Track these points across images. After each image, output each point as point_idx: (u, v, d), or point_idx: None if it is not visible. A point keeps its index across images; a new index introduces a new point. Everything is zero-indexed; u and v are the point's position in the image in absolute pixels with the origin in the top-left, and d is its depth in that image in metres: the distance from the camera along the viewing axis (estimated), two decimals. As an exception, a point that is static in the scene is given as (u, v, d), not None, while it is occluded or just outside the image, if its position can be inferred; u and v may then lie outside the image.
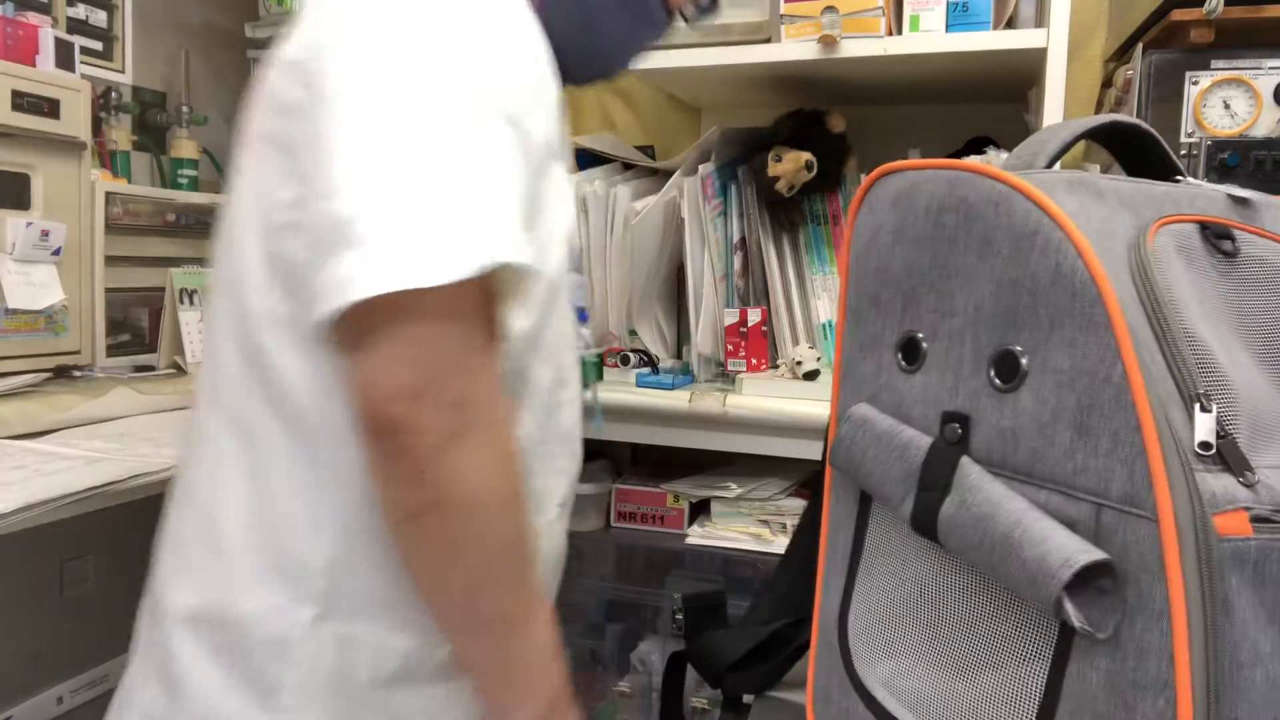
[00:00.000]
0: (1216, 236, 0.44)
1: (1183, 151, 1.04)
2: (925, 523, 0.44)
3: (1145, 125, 0.52)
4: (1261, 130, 1.02)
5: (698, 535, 1.35)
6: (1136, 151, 0.53)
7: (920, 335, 0.47)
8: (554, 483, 0.77)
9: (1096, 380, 0.38)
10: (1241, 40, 1.01)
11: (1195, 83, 1.03)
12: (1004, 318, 0.42)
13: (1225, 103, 1.03)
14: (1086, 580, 0.38)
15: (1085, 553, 0.37)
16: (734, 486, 1.35)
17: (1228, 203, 0.47)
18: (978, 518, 0.41)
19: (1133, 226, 0.43)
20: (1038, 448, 0.41)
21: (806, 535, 0.68)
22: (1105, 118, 0.52)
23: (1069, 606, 0.37)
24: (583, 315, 0.76)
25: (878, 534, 0.51)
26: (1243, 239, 0.45)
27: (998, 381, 0.42)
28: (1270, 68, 1.01)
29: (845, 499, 0.53)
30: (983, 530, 0.41)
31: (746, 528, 1.33)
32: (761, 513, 1.33)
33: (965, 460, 0.43)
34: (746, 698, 0.69)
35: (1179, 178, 0.51)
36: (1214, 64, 1.02)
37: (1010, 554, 0.39)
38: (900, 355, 0.48)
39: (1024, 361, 0.41)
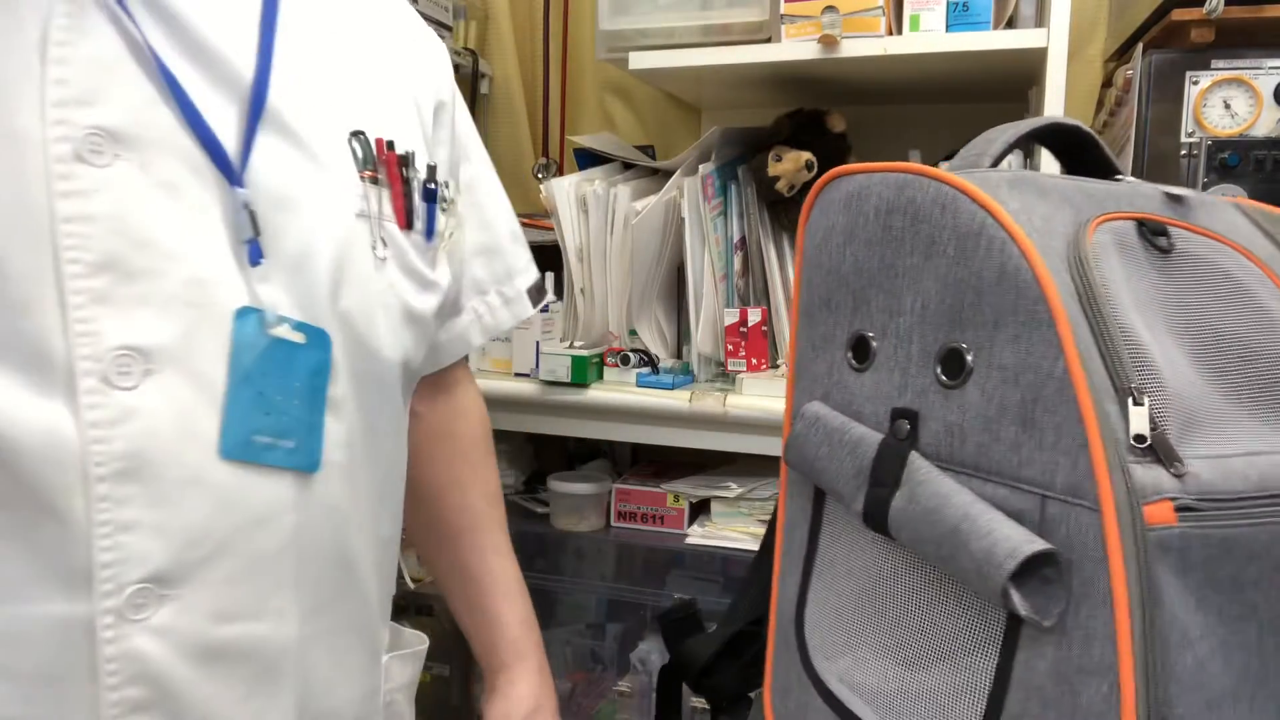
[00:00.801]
0: (1153, 233, 0.46)
1: (1183, 152, 1.04)
2: (877, 518, 0.45)
3: (1085, 126, 0.54)
4: (1262, 130, 1.02)
5: (698, 535, 1.35)
6: (1076, 152, 0.54)
7: (870, 334, 0.48)
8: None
9: (1040, 375, 0.40)
10: (1241, 40, 1.01)
11: (1195, 83, 1.03)
12: (949, 316, 0.43)
13: (1225, 103, 1.03)
14: (1032, 570, 0.39)
15: (1030, 543, 0.38)
16: (734, 486, 1.35)
17: (1164, 200, 0.49)
18: (927, 511, 0.42)
19: (1072, 223, 0.44)
20: (984, 442, 0.42)
21: (773, 534, 0.68)
22: (1047, 119, 0.53)
23: (1015, 596, 0.39)
24: (254, 252, 0.56)
25: (831, 530, 0.51)
26: (1178, 235, 0.46)
27: (944, 378, 0.43)
28: (1270, 68, 1.01)
29: (799, 496, 0.54)
30: (931, 523, 0.42)
31: (746, 528, 1.33)
32: (761, 513, 1.33)
33: (914, 455, 0.44)
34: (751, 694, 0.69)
35: (1119, 176, 0.52)
36: (1214, 64, 1.02)
37: (959, 546, 0.41)
38: (851, 354, 0.49)
39: (969, 358, 0.42)
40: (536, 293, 0.86)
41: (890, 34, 1.21)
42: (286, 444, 0.57)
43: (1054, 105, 1.12)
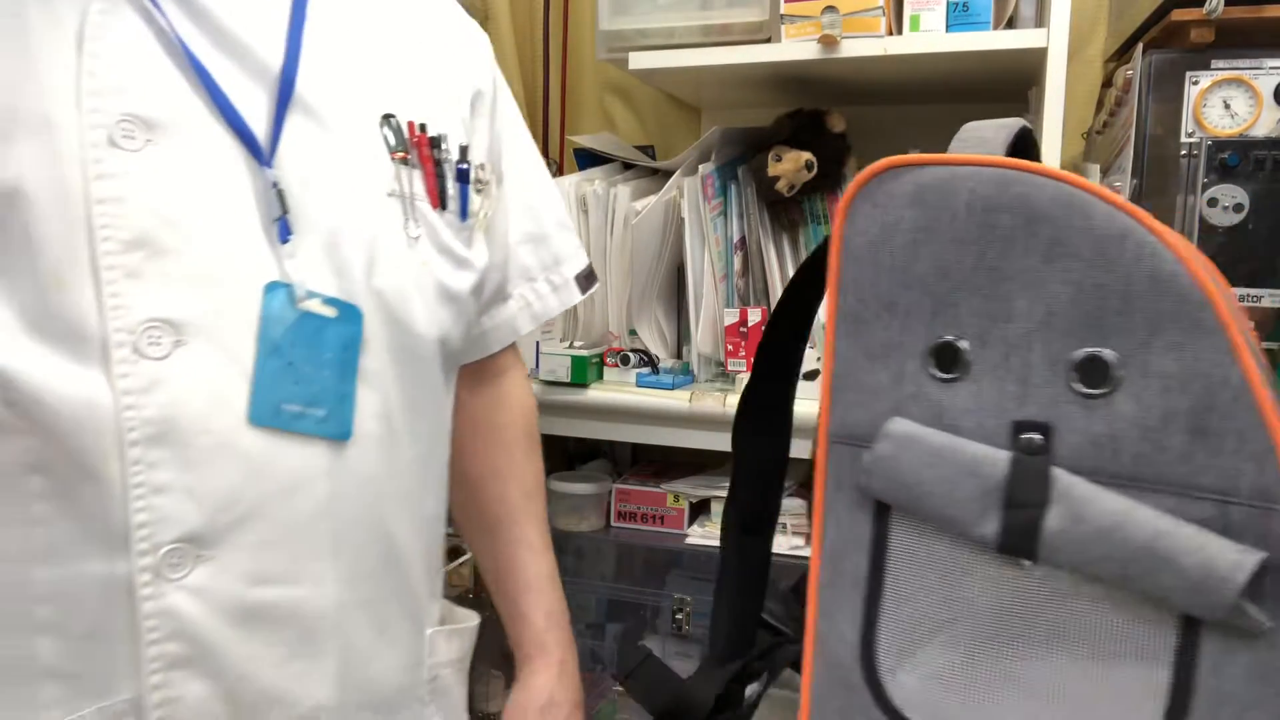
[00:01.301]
0: None
1: (1183, 152, 1.04)
2: (1021, 541, 0.42)
3: (1031, 128, 0.53)
4: (1261, 130, 1.02)
5: (698, 535, 1.35)
6: (1020, 152, 0.53)
7: (961, 341, 0.45)
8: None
9: (1213, 382, 0.39)
10: (1241, 40, 1.01)
11: (1195, 83, 1.03)
12: (1085, 323, 0.41)
13: (1225, 103, 1.03)
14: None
15: (1247, 554, 0.38)
16: (734, 486, 1.35)
17: None
18: (1104, 530, 0.40)
19: None
20: (1144, 452, 0.40)
21: (734, 563, 0.66)
22: (1021, 121, 0.51)
23: (1250, 607, 0.38)
24: (283, 230, 0.59)
25: (906, 556, 0.47)
26: None
27: (1084, 388, 0.41)
28: (1270, 68, 1.01)
29: (850, 523, 0.49)
30: (1113, 543, 0.40)
31: (746, 528, 1.33)
32: (761, 513, 1.33)
33: (1059, 471, 0.42)
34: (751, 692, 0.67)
35: None
36: (1214, 64, 1.02)
37: (1160, 564, 0.39)
38: (933, 363, 0.45)
39: (1116, 367, 0.41)
40: (585, 279, 0.87)
41: (890, 34, 1.21)
42: (317, 412, 0.59)
43: (1054, 105, 1.12)
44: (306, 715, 0.61)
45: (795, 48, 1.22)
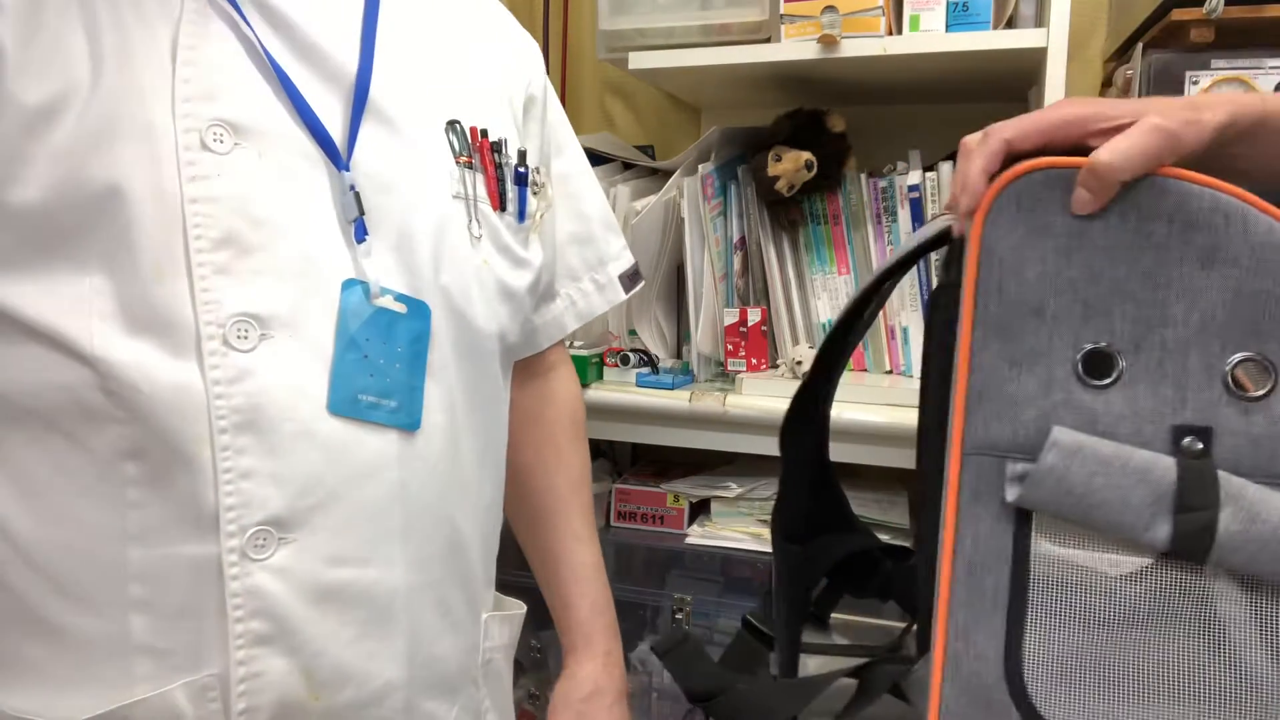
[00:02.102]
0: None
1: (1183, 151, 1.04)
2: (1194, 544, 0.43)
3: None
4: (1261, 130, 1.02)
5: (698, 535, 1.35)
6: None
7: (1114, 347, 0.45)
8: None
9: None
10: (1241, 40, 1.01)
11: (1195, 83, 1.03)
12: (1244, 328, 0.43)
13: (1225, 103, 1.02)
14: None
15: None
16: (734, 486, 1.35)
17: None
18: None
19: None
20: None
21: (784, 572, 0.65)
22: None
23: None
24: (359, 230, 0.61)
25: (1053, 566, 0.47)
26: None
27: (1242, 391, 0.43)
28: (1270, 68, 1.01)
29: (990, 535, 0.48)
30: None
31: (746, 528, 1.33)
32: (761, 513, 1.33)
33: (1224, 473, 0.43)
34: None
35: None
36: (1214, 64, 1.02)
37: None
38: (1084, 369, 0.46)
39: (1278, 369, 0.43)
40: (630, 279, 0.90)
41: (890, 34, 1.20)
42: (389, 404, 0.62)
43: (1054, 105, 1.12)
44: (378, 692, 0.64)
45: (795, 48, 1.22)
